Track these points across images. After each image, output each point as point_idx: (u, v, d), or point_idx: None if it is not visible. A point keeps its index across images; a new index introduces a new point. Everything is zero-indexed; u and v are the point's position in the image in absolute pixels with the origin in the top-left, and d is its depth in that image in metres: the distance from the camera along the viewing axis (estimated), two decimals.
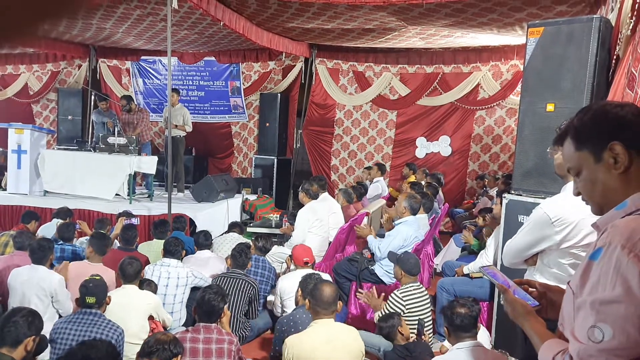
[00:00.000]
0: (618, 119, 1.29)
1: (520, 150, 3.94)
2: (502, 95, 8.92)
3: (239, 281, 4.40)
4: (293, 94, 10.32)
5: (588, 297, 1.18)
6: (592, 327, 1.15)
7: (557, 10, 5.89)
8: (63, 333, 3.20)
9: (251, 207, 8.45)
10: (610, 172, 1.30)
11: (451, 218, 8.74)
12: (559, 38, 3.71)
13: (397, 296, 4.09)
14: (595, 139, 1.31)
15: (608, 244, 1.18)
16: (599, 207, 1.37)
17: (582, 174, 1.37)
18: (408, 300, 4.06)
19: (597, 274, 1.18)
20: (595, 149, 1.31)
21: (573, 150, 1.37)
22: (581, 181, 1.38)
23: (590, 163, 1.33)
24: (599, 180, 1.33)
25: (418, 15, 6.53)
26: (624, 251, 1.14)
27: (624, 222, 1.21)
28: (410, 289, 4.14)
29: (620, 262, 1.14)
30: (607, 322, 1.13)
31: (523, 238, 2.54)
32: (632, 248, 1.13)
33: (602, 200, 1.35)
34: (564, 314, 1.34)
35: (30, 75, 11.60)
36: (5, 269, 4.21)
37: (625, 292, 1.12)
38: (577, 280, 1.26)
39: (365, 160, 9.91)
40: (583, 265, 1.24)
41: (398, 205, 5.27)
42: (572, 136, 1.37)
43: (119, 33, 8.82)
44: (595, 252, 1.21)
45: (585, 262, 1.24)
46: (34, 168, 7.72)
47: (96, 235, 4.62)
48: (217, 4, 6.47)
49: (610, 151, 1.28)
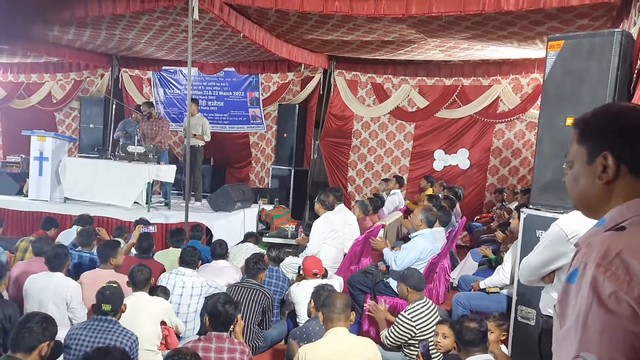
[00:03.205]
0: (626, 129, 1.22)
1: (539, 164, 3.89)
2: (522, 109, 8.83)
3: (253, 291, 4.40)
4: (311, 105, 10.34)
5: (569, 324, 1.10)
6: (576, 357, 1.05)
7: (579, 24, 5.84)
8: (77, 339, 3.22)
9: (267, 217, 8.45)
10: (594, 178, 1.24)
11: (469, 232, 8.65)
12: (580, 52, 3.67)
13: (406, 318, 3.89)
14: (596, 139, 1.25)
15: (583, 265, 1.10)
16: (575, 205, 1.34)
17: (572, 165, 1.31)
18: (418, 320, 3.88)
19: (574, 297, 1.10)
20: (591, 150, 1.25)
21: (574, 142, 1.31)
22: (569, 174, 1.33)
23: (582, 161, 1.27)
24: (582, 182, 1.28)
25: (437, 28, 6.53)
26: (600, 269, 1.06)
27: (599, 239, 1.13)
28: (417, 307, 3.95)
29: (596, 281, 1.06)
30: (589, 350, 1.04)
31: (539, 255, 2.50)
32: (608, 266, 1.06)
33: (577, 200, 1.31)
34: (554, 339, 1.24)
35: (54, 84, 11.82)
36: (22, 274, 4.26)
37: (605, 314, 1.03)
38: (557, 304, 1.19)
39: (382, 172, 9.88)
40: (561, 289, 1.17)
41: (414, 217, 5.22)
42: (578, 127, 1.31)
43: (141, 43, 8.95)
44: (572, 274, 1.14)
45: (563, 285, 1.16)
46: (55, 175, 7.83)
47: (100, 245, 4.66)
48: (238, 15, 6.55)
49: (602, 158, 1.22)
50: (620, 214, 1.19)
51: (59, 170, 7.80)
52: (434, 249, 5.04)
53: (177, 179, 8.26)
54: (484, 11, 5.50)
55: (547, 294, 2.61)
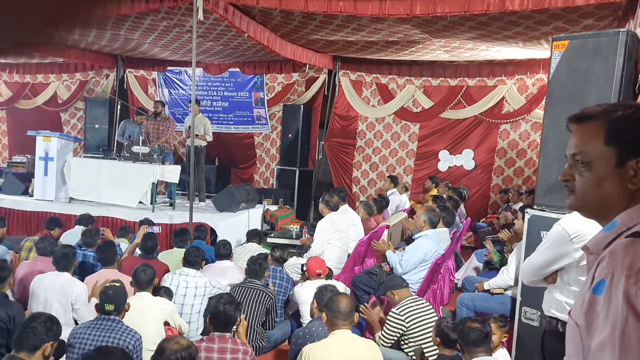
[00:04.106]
0: None
1: (544, 165, 3.86)
2: (527, 109, 8.81)
3: (257, 291, 4.40)
4: (316, 105, 10.35)
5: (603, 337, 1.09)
6: None
7: (584, 24, 5.81)
8: (81, 338, 3.22)
9: (272, 218, 8.46)
10: (623, 182, 1.20)
11: (473, 232, 8.63)
12: (585, 52, 3.64)
13: (395, 314, 3.88)
14: (630, 143, 1.19)
15: (611, 276, 1.10)
16: (582, 206, 1.28)
17: (591, 166, 1.24)
18: (409, 316, 3.86)
19: (605, 309, 1.10)
20: (622, 153, 1.19)
21: (598, 140, 1.24)
22: (586, 175, 1.25)
23: (610, 163, 1.21)
24: (607, 185, 1.22)
25: (442, 28, 6.51)
26: (630, 281, 1.06)
27: (621, 248, 1.13)
28: (406, 303, 3.94)
29: (629, 294, 1.05)
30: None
31: (542, 256, 2.49)
32: (638, 276, 1.05)
33: (594, 202, 1.25)
34: (570, 347, 1.25)
35: (60, 85, 11.86)
36: (28, 274, 4.28)
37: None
38: (580, 315, 1.18)
39: (387, 172, 9.86)
40: (586, 300, 1.15)
41: (417, 218, 5.21)
42: (606, 126, 1.23)
43: (146, 44, 8.97)
44: (598, 285, 1.12)
45: (588, 296, 1.15)
46: (60, 175, 7.87)
47: (99, 249, 4.68)
48: (242, 15, 6.56)
49: (636, 163, 1.18)
50: (630, 217, 1.18)
51: (64, 171, 7.83)
52: (438, 249, 5.02)
53: (181, 179, 8.29)
54: (488, 11, 5.48)
55: (549, 294, 2.59)
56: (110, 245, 4.66)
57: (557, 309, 2.55)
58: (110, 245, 4.68)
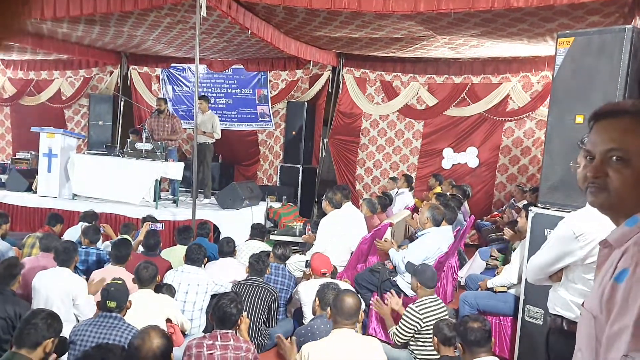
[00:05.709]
0: None
1: (548, 163, 3.84)
2: (532, 107, 8.76)
3: (259, 289, 4.39)
4: (320, 102, 10.32)
5: (624, 322, 1.07)
6: (624, 356, 1.04)
7: (590, 21, 5.77)
8: (82, 335, 3.22)
9: (275, 215, 8.45)
10: None
11: (477, 230, 8.60)
12: (590, 49, 3.61)
13: (414, 310, 3.94)
14: None
15: (635, 264, 1.10)
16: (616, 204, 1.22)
17: (631, 163, 1.18)
18: (425, 313, 3.92)
19: (625, 296, 1.09)
20: None
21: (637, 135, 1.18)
22: (624, 171, 1.19)
23: None
24: None
25: (446, 25, 6.48)
26: None
27: None
28: (426, 302, 4.00)
29: None
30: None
31: (546, 254, 2.47)
32: None
33: (632, 200, 1.20)
34: (582, 340, 1.25)
35: (63, 81, 11.89)
36: (30, 270, 4.28)
37: None
38: (599, 304, 1.17)
39: (390, 170, 9.84)
40: (607, 288, 1.15)
41: (420, 216, 5.19)
42: None
43: (149, 40, 8.97)
44: (621, 274, 1.12)
45: (609, 284, 1.14)
46: (63, 172, 7.87)
47: (114, 246, 4.66)
48: (246, 12, 6.53)
49: None
50: None
51: (68, 167, 7.84)
52: (441, 247, 5.00)
53: (185, 176, 8.28)
54: (493, 8, 5.44)
55: (555, 292, 2.57)
56: (128, 245, 4.64)
57: (562, 307, 2.53)
58: (127, 244, 4.66)
